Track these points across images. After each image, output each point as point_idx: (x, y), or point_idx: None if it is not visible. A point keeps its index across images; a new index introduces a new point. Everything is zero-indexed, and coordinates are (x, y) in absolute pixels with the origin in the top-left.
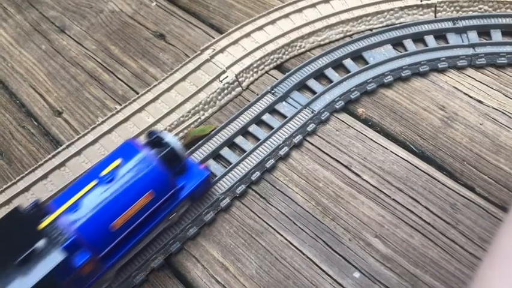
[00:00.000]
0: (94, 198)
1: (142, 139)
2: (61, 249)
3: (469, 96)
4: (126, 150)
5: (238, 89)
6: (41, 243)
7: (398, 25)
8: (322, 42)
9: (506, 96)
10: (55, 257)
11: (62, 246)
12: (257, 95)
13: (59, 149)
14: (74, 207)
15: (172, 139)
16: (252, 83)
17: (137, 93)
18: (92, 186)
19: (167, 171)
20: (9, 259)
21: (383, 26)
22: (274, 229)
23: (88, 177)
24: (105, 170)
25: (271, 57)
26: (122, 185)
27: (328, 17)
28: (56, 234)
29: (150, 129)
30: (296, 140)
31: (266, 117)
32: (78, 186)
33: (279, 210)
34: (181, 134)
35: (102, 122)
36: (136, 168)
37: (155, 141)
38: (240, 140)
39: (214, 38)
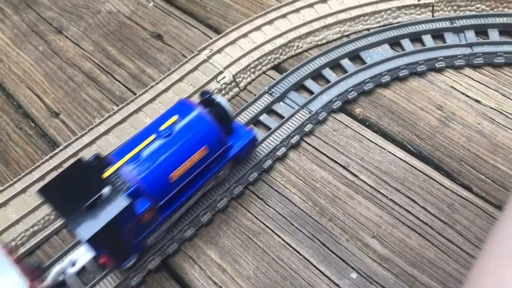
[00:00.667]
0: (154, 150)
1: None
2: (125, 196)
3: (467, 95)
4: (181, 108)
5: (236, 90)
6: (106, 190)
7: (395, 25)
8: (319, 42)
9: (504, 95)
10: (120, 202)
11: (126, 193)
12: (254, 95)
13: (56, 150)
14: (135, 159)
15: (223, 100)
16: (249, 83)
17: (134, 94)
18: (151, 140)
19: (220, 129)
20: (77, 204)
21: (380, 26)
22: (272, 230)
23: (146, 132)
24: (163, 125)
25: (269, 57)
26: (179, 139)
27: (325, 17)
28: (119, 183)
29: (204, 89)
30: (293, 140)
31: (263, 117)
32: (137, 140)
33: (276, 210)
34: None
35: (99, 123)
36: (192, 125)
37: (208, 100)
38: None
39: (211, 38)
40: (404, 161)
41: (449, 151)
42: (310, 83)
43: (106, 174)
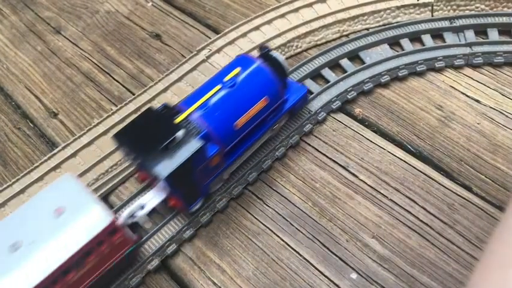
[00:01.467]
0: (220, 99)
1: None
2: (198, 138)
3: (466, 95)
4: (242, 62)
5: None
6: (180, 133)
7: (395, 24)
8: (318, 42)
9: (503, 95)
10: (194, 144)
11: (198, 137)
12: None
13: (55, 151)
14: (203, 106)
15: (279, 55)
16: None
17: (133, 94)
18: (217, 90)
19: (279, 81)
20: (153, 147)
21: (380, 26)
22: (271, 230)
23: (211, 83)
24: (227, 76)
25: None
26: (242, 89)
27: (324, 16)
28: (190, 127)
29: (263, 44)
30: (293, 140)
31: None
32: (203, 90)
33: (275, 211)
34: None
35: (98, 123)
36: (254, 76)
37: (266, 55)
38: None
39: (210, 38)
40: (404, 161)
41: (449, 151)
42: (309, 83)
43: (178, 119)
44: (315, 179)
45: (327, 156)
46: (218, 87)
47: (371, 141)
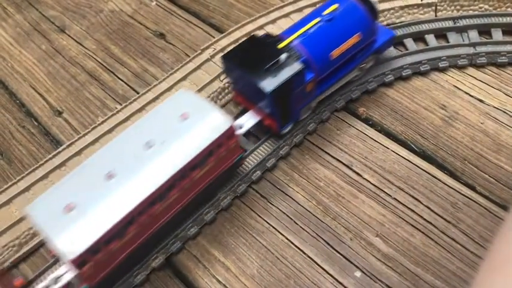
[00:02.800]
0: (319, 31)
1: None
2: (299, 62)
3: (470, 95)
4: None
5: None
6: (283, 56)
7: (398, 24)
8: None
9: (507, 95)
10: (296, 66)
11: (299, 61)
12: None
13: (59, 149)
14: (303, 36)
15: None
16: None
17: (137, 93)
18: (316, 22)
19: (371, 21)
20: (259, 66)
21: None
22: (275, 228)
23: (311, 16)
24: (326, 11)
25: None
26: (339, 24)
27: None
28: (292, 53)
29: None
30: (297, 139)
31: None
32: (304, 22)
33: (279, 209)
34: None
35: (103, 122)
36: (350, 13)
37: None
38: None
39: (214, 37)
40: (408, 160)
41: (452, 150)
42: None
43: (280, 45)
44: (319, 177)
45: (330, 155)
46: (317, 20)
47: (375, 141)
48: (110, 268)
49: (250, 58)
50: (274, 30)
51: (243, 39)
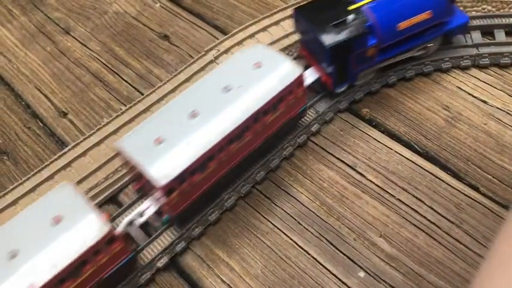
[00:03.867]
0: (391, 0)
1: None
2: (364, 26)
3: (473, 96)
4: None
5: None
6: (350, 17)
7: None
8: None
9: (510, 96)
10: (360, 29)
11: (364, 25)
12: None
13: (65, 150)
14: (375, 2)
15: None
16: None
17: (142, 94)
18: None
19: (446, 2)
20: (326, 23)
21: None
22: (279, 229)
23: None
24: None
25: None
26: None
27: None
28: (360, 16)
29: None
30: (300, 140)
31: None
32: None
33: (283, 210)
34: None
35: (107, 123)
36: None
37: None
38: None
39: (218, 39)
40: (411, 161)
41: (456, 151)
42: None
43: (352, 7)
44: (323, 178)
45: (334, 156)
46: None
47: (378, 141)
48: (190, 201)
49: (320, 14)
50: (278, 31)
51: None
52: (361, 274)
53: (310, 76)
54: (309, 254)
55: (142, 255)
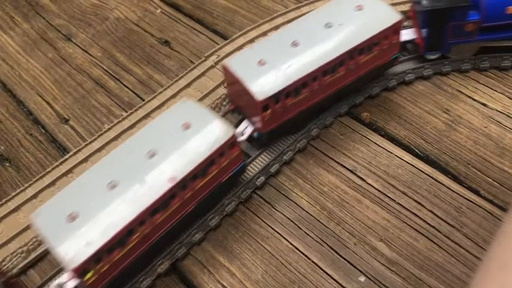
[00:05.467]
0: None
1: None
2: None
3: (473, 99)
4: None
5: None
6: None
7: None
8: None
9: (510, 98)
10: (462, 1)
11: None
12: None
13: (66, 156)
14: None
15: None
16: None
17: (143, 100)
18: None
19: None
20: None
21: None
22: (280, 234)
23: None
24: None
25: None
26: None
27: None
28: None
29: None
30: (300, 144)
31: None
32: None
33: (284, 215)
34: None
35: (109, 129)
36: None
37: None
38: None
39: (218, 44)
40: (412, 165)
41: (456, 154)
42: None
43: None
44: (323, 182)
45: (334, 160)
46: None
47: (378, 145)
48: (280, 122)
49: None
50: None
51: None
52: (362, 279)
53: (407, 35)
54: (309, 258)
55: None
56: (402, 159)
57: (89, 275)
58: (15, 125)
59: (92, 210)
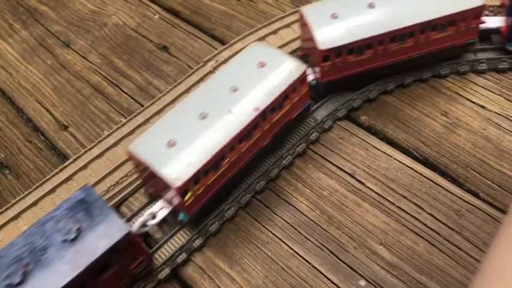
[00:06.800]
0: None
1: None
2: None
3: (471, 101)
4: None
5: None
6: None
7: None
8: None
9: (509, 100)
10: None
11: None
12: None
13: (66, 163)
14: None
15: None
16: None
17: (142, 106)
18: None
19: None
20: None
21: None
22: (280, 238)
23: None
24: None
25: None
26: None
27: None
28: None
29: None
30: (299, 148)
31: None
32: None
33: (283, 219)
34: None
35: (108, 135)
36: None
37: None
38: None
39: (216, 49)
40: (411, 168)
41: (455, 157)
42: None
43: None
44: (323, 187)
45: (333, 164)
46: None
47: (377, 149)
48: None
49: None
50: (276, 41)
51: None
52: (362, 283)
53: (494, 22)
54: (309, 263)
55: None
56: (401, 163)
57: (188, 195)
58: (15, 132)
59: (187, 137)
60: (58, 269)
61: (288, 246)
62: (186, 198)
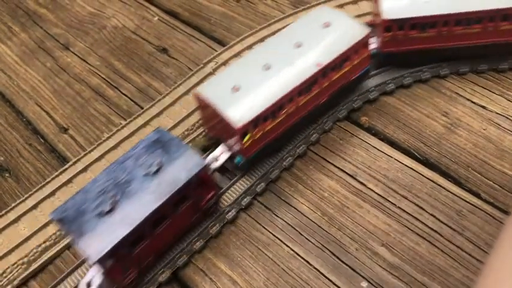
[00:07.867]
0: None
1: None
2: None
3: (472, 101)
4: None
5: None
6: None
7: None
8: None
9: (509, 100)
10: None
11: None
12: None
13: (66, 166)
14: None
15: None
16: None
17: (141, 108)
18: None
19: None
20: None
21: None
22: (281, 240)
23: None
24: None
25: None
26: None
27: None
28: None
29: None
30: (300, 150)
31: None
32: None
33: (285, 221)
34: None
35: (108, 138)
36: None
37: None
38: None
39: (216, 50)
40: (412, 169)
41: (456, 157)
42: None
43: None
44: (323, 188)
45: (334, 165)
46: None
47: (378, 150)
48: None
49: None
50: None
51: None
52: (364, 284)
53: None
54: (311, 265)
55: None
56: (402, 163)
57: (246, 138)
58: (14, 135)
59: (251, 85)
60: (144, 199)
61: (289, 247)
62: (245, 140)
